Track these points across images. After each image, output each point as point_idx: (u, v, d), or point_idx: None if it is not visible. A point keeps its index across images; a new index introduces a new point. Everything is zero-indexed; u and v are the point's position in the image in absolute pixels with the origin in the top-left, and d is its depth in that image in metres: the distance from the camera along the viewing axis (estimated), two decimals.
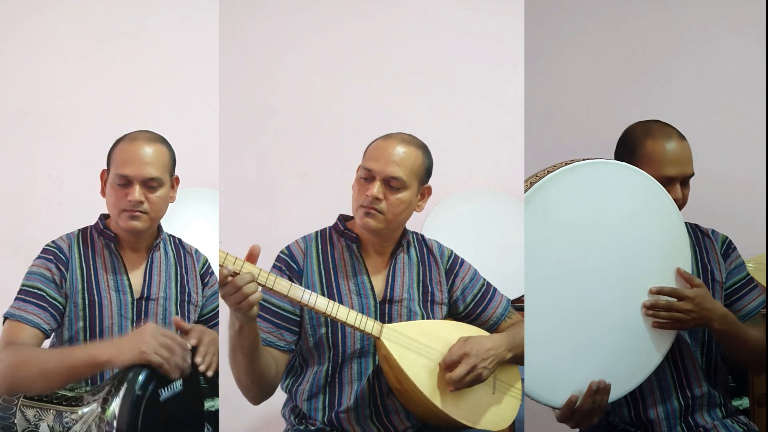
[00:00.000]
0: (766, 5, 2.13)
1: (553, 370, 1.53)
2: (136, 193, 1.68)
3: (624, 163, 1.60)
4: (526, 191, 1.49)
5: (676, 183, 1.68)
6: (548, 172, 1.50)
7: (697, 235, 1.81)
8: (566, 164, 1.52)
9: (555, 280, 1.52)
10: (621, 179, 1.58)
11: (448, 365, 1.64)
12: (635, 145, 1.72)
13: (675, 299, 1.59)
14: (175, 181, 1.78)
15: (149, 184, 1.70)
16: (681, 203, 1.69)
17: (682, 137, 1.72)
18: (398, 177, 1.67)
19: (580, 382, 1.54)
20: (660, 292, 1.59)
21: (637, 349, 1.60)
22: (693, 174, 1.71)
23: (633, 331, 1.59)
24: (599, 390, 1.53)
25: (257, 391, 1.64)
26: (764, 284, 2.01)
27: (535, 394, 1.53)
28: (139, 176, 1.68)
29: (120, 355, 1.48)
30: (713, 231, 1.81)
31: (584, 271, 1.54)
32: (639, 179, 1.59)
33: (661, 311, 1.58)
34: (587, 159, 1.54)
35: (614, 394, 1.57)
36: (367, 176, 1.69)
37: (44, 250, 1.73)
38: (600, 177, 1.55)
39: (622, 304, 1.58)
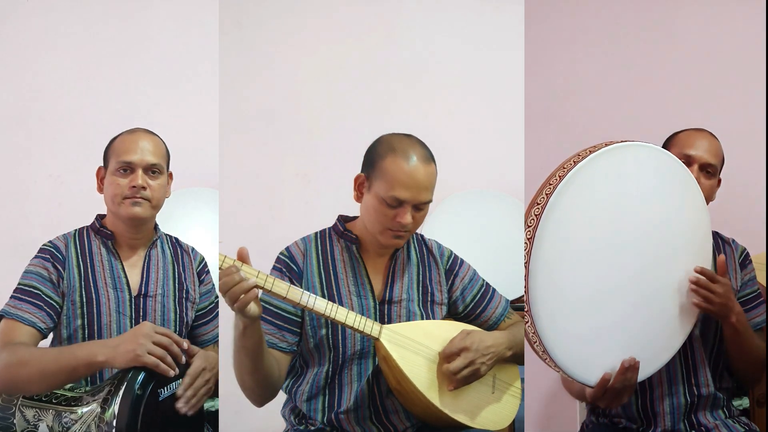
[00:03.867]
0: (766, 5, 2.13)
1: (586, 350, 1.53)
2: (139, 178, 1.71)
3: (659, 147, 1.61)
4: (568, 171, 1.48)
5: (694, 164, 1.77)
6: (590, 152, 1.50)
7: (718, 242, 1.84)
8: (606, 145, 1.52)
9: (588, 259, 1.51)
10: (655, 162, 1.58)
11: (446, 356, 1.64)
12: (672, 137, 1.84)
13: (711, 281, 1.62)
14: (169, 177, 1.81)
15: (151, 170, 1.73)
16: (708, 192, 1.77)
17: (715, 137, 1.82)
18: (429, 200, 1.68)
19: (610, 361, 1.55)
20: (702, 272, 1.62)
21: (662, 330, 1.61)
22: (714, 165, 1.79)
23: (660, 313, 1.60)
24: (630, 368, 1.54)
25: (261, 392, 1.64)
26: (764, 284, 2.02)
27: (571, 372, 1.53)
28: (142, 162, 1.72)
29: (116, 358, 1.50)
30: (734, 240, 1.85)
31: (618, 251, 1.54)
32: (671, 163, 1.60)
33: (701, 289, 1.61)
34: (625, 141, 1.55)
35: (642, 374, 1.57)
36: (394, 202, 1.64)
37: (41, 250, 1.74)
38: (636, 159, 1.56)
39: (650, 285, 1.59)
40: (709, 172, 1.78)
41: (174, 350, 1.53)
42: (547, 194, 1.47)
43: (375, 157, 1.68)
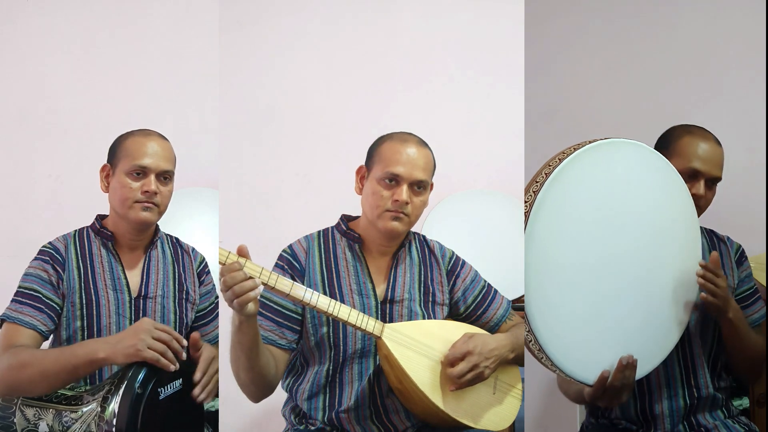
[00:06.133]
0: (766, 5, 2.13)
1: (583, 349, 1.54)
2: (153, 184, 1.71)
3: (643, 144, 1.60)
4: (553, 170, 1.47)
5: (701, 179, 1.72)
6: (574, 149, 1.50)
7: (713, 240, 1.83)
8: (589, 143, 1.52)
9: (582, 256, 1.52)
10: (641, 159, 1.59)
11: (450, 361, 1.64)
12: (672, 140, 1.77)
13: (714, 275, 1.63)
14: None
15: (163, 176, 1.73)
16: (703, 203, 1.74)
17: (718, 143, 1.76)
18: (424, 180, 1.69)
19: (608, 359, 1.55)
20: (706, 267, 1.63)
21: (658, 327, 1.62)
22: (720, 178, 1.75)
23: (655, 311, 1.61)
24: (628, 365, 1.54)
25: (255, 389, 1.64)
26: (764, 283, 2.02)
27: (569, 371, 1.52)
28: (157, 168, 1.72)
29: (116, 354, 1.51)
30: (728, 238, 1.85)
31: (610, 251, 1.54)
32: (657, 161, 1.61)
33: (709, 283, 1.62)
34: (608, 138, 1.55)
35: (639, 372, 1.57)
36: (391, 180, 1.68)
37: (40, 252, 1.73)
38: (621, 156, 1.56)
39: (645, 283, 1.59)
40: (713, 182, 1.75)
41: (174, 346, 1.53)
42: (534, 192, 1.47)
43: (374, 147, 1.75)
